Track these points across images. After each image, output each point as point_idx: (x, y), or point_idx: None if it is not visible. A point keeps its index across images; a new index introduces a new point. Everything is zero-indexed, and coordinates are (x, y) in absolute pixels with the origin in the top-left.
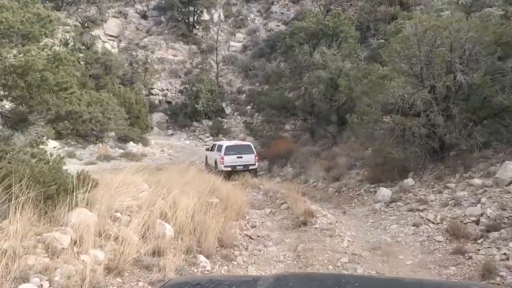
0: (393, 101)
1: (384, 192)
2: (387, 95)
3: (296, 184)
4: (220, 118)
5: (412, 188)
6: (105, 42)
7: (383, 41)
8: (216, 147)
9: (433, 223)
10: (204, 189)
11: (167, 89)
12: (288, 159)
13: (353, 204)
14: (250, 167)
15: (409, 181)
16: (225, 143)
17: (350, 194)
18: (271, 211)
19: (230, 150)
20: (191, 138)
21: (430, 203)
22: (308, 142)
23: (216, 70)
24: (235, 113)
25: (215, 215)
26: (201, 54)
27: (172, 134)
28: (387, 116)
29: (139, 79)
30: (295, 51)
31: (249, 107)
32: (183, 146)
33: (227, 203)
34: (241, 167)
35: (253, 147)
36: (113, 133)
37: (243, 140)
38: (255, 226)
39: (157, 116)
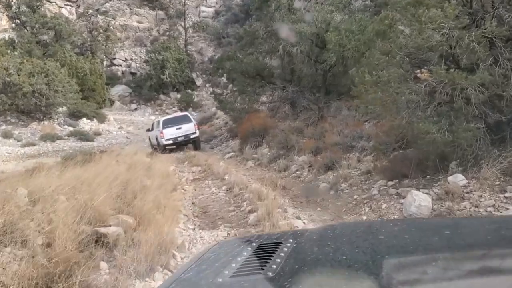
0: (433, 43)
1: (420, 198)
2: (424, 33)
3: (274, 172)
4: (190, 91)
5: (467, 192)
6: (62, 7)
7: (369, 1)
8: (155, 124)
9: None
10: (117, 193)
11: (131, 59)
12: (264, 137)
13: (364, 216)
14: (192, 136)
15: (458, 178)
16: (162, 117)
17: (355, 196)
18: (228, 233)
19: (168, 123)
20: (157, 113)
21: None
22: (289, 116)
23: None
24: (207, 85)
25: None
26: (168, 20)
27: (135, 109)
28: (421, 72)
29: (100, 48)
30: (270, 5)
31: (222, 78)
32: (146, 122)
33: (152, 224)
34: (182, 137)
35: (190, 116)
36: (65, 109)
37: (214, 114)
38: None
39: (119, 89)
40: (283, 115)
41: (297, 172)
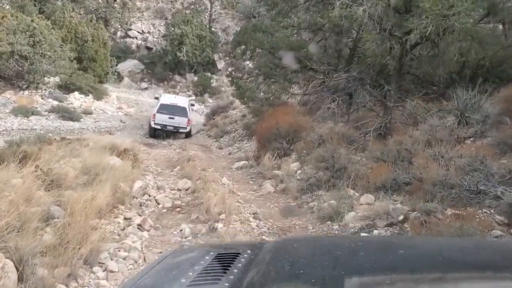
0: None
1: None
2: None
3: (309, 215)
4: (209, 74)
5: None
6: None
7: None
8: (156, 102)
9: None
10: None
11: (149, 32)
12: (293, 143)
13: None
14: (181, 130)
15: None
16: (162, 100)
17: None
18: None
19: (163, 108)
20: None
21: None
22: (335, 115)
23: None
24: (229, 69)
25: None
26: None
27: (146, 88)
28: None
29: (114, 17)
30: None
31: (247, 62)
32: (152, 104)
33: None
34: (172, 127)
35: (188, 111)
36: (57, 79)
37: (231, 103)
38: None
39: (130, 64)
40: (325, 114)
41: (362, 234)
